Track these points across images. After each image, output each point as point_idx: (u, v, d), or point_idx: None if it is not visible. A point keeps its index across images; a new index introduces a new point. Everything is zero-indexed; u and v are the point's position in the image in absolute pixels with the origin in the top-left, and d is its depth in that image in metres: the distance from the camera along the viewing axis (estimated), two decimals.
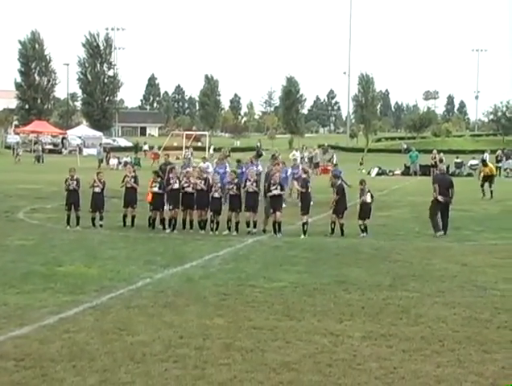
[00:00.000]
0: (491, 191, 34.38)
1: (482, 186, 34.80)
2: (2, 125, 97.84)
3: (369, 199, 21.20)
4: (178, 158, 32.82)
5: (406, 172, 55.11)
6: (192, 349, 9.44)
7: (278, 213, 20.59)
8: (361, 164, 62.93)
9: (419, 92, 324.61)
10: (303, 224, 20.78)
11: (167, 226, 21.20)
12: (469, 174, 52.88)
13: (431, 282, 14.07)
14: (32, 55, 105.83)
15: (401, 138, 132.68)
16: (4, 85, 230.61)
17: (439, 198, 21.28)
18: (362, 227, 21.01)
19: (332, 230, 20.95)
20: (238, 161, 30.07)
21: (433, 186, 21.74)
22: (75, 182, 21.51)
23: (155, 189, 21.60)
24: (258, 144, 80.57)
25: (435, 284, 13.92)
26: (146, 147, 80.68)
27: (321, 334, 10.26)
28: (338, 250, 18.02)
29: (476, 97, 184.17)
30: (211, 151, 64.53)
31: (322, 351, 9.50)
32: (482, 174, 35.82)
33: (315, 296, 12.72)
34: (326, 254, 17.36)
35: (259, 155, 56.78)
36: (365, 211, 21.16)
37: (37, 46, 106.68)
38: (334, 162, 63.58)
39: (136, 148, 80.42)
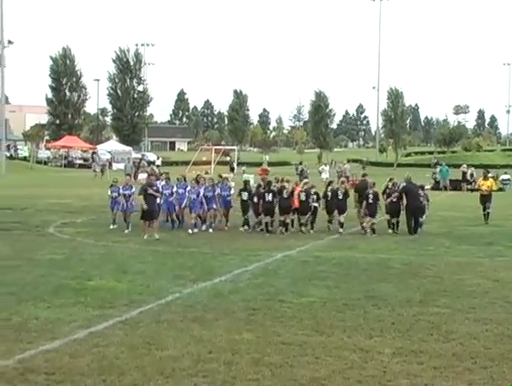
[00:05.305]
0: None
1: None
2: (34, 141, 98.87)
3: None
4: (207, 173, 32.70)
5: (436, 187, 54.72)
6: (221, 364, 9.42)
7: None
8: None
9: (449, 106, 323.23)
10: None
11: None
12: (500, 189, 52.40)
13: (462, 298, 13.91)
14: (63, 71, 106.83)
15: (430, 153, 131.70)
16: (35, 101, 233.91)
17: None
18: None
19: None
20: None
21: (401, 195, 24.84)
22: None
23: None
24: (230, 158, 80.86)
25: (466, 300, 13.75)
26: (158, 162, 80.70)
27: (351, 349, 10.18)
28: (367, 265, 17.92)
29: (508, 111, 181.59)
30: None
31: (352, 367, 9.42)
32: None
33: (345, 311, 12.64)
34: (355, 269, 17.27)
35: (232, 169, 56.95)
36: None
37: (68, 62, 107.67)
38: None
39: (140, 161, 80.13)
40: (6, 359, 9.49)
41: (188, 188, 25.33)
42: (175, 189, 25.27)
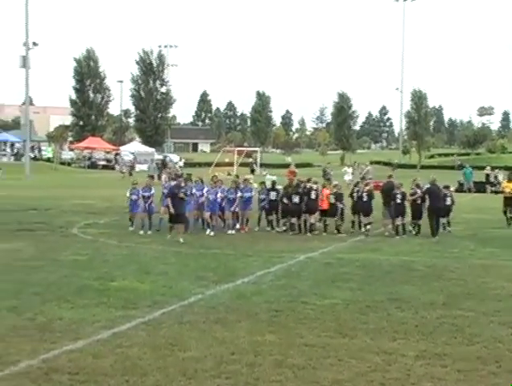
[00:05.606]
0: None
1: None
2: (57, 142, 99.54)
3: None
4: (229, 174, 32.79)
5: (460, 189, 54.32)
6: (244, 365, 9.42)
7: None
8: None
9: (474, 107, 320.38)
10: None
11: None
12: None
13: (487, 301, 13.80)
14: (87, 73, 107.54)
15: (453, 155, 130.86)
16: (59, 102, 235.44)
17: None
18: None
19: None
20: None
21: (424, 197, 25.07)
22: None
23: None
24: (251, 160, 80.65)
25: (490, 303, 13.64)
26: (181, 163, 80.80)
27: (374, 352, 10.13)
28: (391, 267, 17.83)
29: None
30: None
31: (375, 369, 9.38)
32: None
33: (368, 313, 12.58)
34: (379, 271, 17.19)
35: (252, 171, 56.39)
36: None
37: (92, 63, 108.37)
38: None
39: (163, 163, 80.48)
40: (30, 359, 9.56)
41: (206, 189, 25.46)
42: (194, 191, 25.35)
